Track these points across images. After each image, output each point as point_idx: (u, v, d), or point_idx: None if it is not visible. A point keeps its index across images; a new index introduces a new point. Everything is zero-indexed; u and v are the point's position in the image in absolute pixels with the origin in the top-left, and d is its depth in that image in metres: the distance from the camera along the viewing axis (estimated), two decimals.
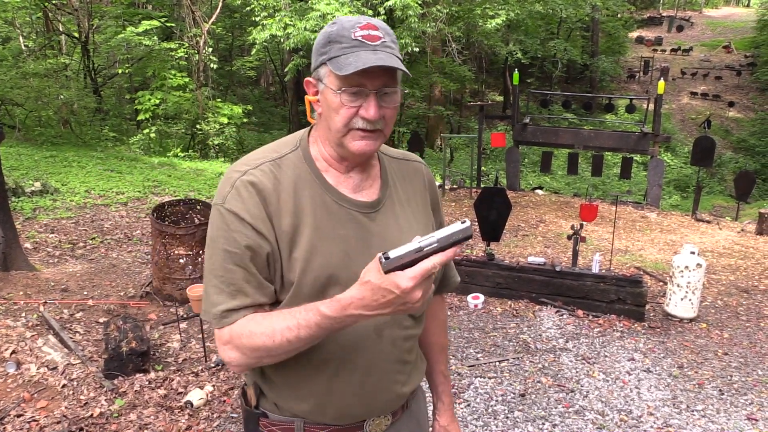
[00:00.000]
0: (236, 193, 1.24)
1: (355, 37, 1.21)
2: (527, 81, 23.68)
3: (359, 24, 1.23)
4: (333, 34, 1.23)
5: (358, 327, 1.23)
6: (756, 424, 3.60)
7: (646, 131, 10.80)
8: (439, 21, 13.54)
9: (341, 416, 1.34)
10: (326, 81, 1.24)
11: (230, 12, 20.41)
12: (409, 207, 1.41)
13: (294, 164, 1.29)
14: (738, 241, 8.66)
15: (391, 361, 1.34)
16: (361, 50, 1.20)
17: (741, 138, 23.76)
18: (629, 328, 5.05)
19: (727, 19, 38.84)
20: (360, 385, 1.32)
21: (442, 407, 1.63)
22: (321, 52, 1.25)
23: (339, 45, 1.22)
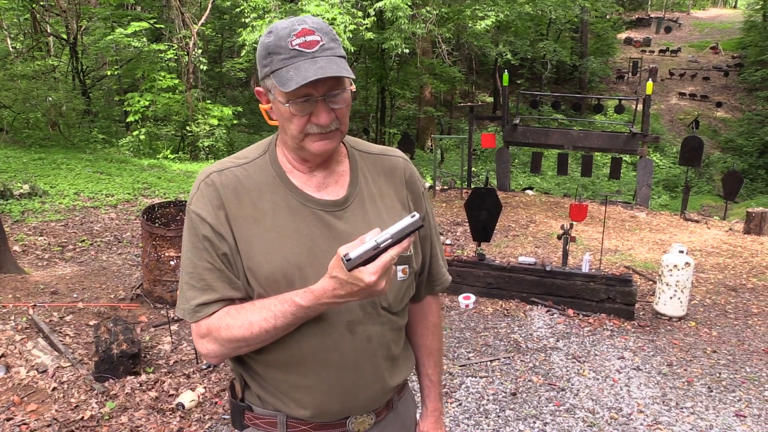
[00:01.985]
0: (200, 195, 1.30)
1: (293, 47, 1.20)
2: (517, 82, 23.77)
3: (294, 31, 1.21)
4: (271, 46, 1.22)
5: (331, 326, 1.28)
6: (744, 421, 3.63)
7: (635, 132, 10.88)
8: (429, 22, 13.57)
9: (320, 413, 1.34)
10: (274, 93, 1.25)
11: (220, 13, 20.37)
12: (381, 202, 1.40)
13: (260, 168, 1.33)
14: (726, 240, 8.73)
15: (368, 357, 1.34)
16: (300, 60, 1.20)
17: (729, 138, 23.95)
18: (619, 327, 5.08)
19: (715, 21, 39.14)
20: (336, 382, 1.32)
21: (426, 412, 1.61)
22: (263, 65, 1.24)
23: (278, 56, 1.21)
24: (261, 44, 1.25)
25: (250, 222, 1.28)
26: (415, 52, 16.22)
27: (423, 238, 1.47)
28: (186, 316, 1.30)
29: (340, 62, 1.22)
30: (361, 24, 12.24)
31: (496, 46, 18.89)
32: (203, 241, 1.28)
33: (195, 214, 1.29)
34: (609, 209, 10.25)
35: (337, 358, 1.31)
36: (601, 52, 29.53)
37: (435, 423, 1.61)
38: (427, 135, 20.61)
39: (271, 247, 1.27)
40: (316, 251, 1.28)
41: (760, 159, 21.91)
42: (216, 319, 1.27)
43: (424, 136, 20.90)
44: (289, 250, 1.27)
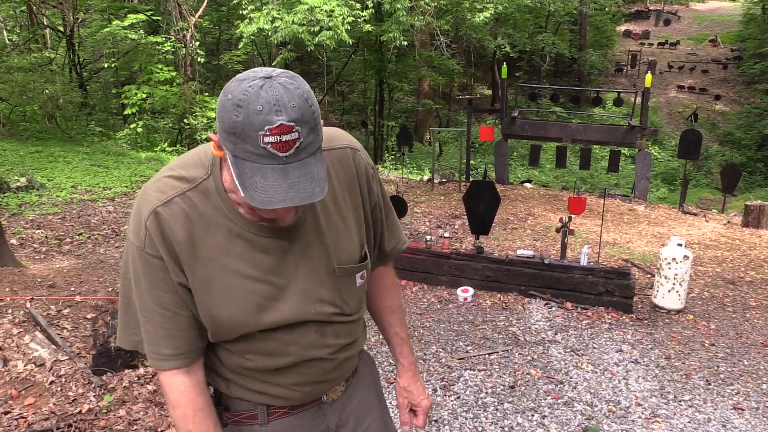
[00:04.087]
0: (151, 238, 1.21)
1: (264, 144, 1.03)
2: (516, 75, 23.73)
3: (269, 125, 1.03)
4: (238, 128, 1.04)
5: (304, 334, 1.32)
6: (742, 414, 3.64)
7: (634, 124, 10.86)
8: (427, 14, 13.53)
9: (300, 400, 1.40)
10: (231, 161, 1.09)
11: (217, 5, 20.27)
12: (334, 211, 1.35)
13: (205, 197, 1.22)
14: (724, 233, 8.73)
15: (339, 349, 1.40)
16: (269, 165, 1.05)
17: (727, 131, 23.95)
18: (617, 320, 5.08)
19: (714, 13, 39.05)
20: (314, 375, 1.38)
21: (402, 369, 1.66)
22: (224, 137, 1.07)
23: (244, 145, 1.05)
24: (227, 115, 1.05)
25: (204, 262, 1.23)
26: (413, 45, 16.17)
27: (374, 221, 1.48)
28: (155, 363, 1.29)
29: (315, 170, 1.09)
30: (360, 16, 12.19)
31: (495, 39, 18.86)
32: (167, 286, 1.24)
33: (150, 255, 1.21)
34: (607, 202, 10.25)
35: (313, 356, 1.35)
36: (600, 45, 29.47)
37: (413, 376, 1.65)
38: (426, 128, 20.58)
39: (232, 289, 1.24)
40: (282, 283, 1.28)
41: (758, 152, 21.92)
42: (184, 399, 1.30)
43: (423, 128, 20.87)
44: (251, 290, 1.25)
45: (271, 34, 12.06)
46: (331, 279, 1.34)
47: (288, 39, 12.24)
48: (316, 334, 1.34)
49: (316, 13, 11.35)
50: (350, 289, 1.39)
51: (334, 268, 1.34)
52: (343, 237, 1.35)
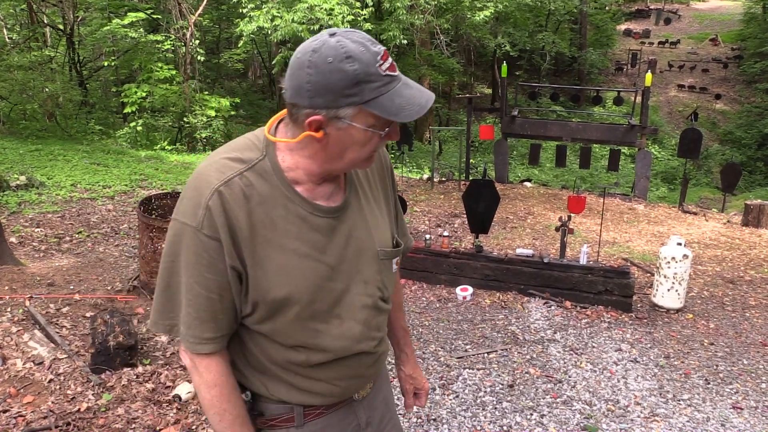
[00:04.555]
0: (211, 218, 1.21)
1: (385, 73, 1.17)
2: (516, 73, 23.72)
3: (379, 55, 1.17)
4: (359, 74, 1.14)
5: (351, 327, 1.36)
6: (741, 413, 3.64)
7: (634, 123, 10.85)
8: (427, 13, 13.52)
9: (339, 398, 1.43)
10: (353, 121, 1.18)
11: (217, 4, 20.27)
12: (371, 196, 1.44)
13: (262, 177, 1.26)
14: (724, 232, 8.73)
15: (377, 343, 1.44)
16: (397, 87, 1.18)
17: (727, 130, 23.94)
18: (616, 319, 5.08)
19: (714, 12, 39.01)
20: (356, 370, 1.42)
21: (405, 358, 1.74)
22: (347, 94, 1.15)
23: (371, 85, 1.16)
24: (344, 72, 1.14)
25: (262, 242, 1.25)
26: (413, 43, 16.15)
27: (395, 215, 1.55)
28: (192, 347, 1.29)
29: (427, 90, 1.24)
30: (359, 14, 12.18)
31: (495, 38, 18.84)
32: (218, 270, 1.24)
33: (206, 236, 1.21)
34: (607, 201, 10.24)
35: (360, 349, 1.39)
36: (600, 44, 29.45)
37: (415, 364, 1.76)
38: (426, 126, 20.57)
39: (290, 268, 1.27)
40: (333, 263, 1.31)
41: (758, 151, 21.91)
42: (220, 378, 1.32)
43: (423, 127, 20.86)
44: (308, 268, 1.29)
45: (270, 33, 12.06)
46: (375, 261, 1.39)
47: (288, 37, 12.22)
48: (365, 326, 1.39)
49: (315, 11, 11.35)
50: (389, 274, 1.45)
51: (377, 251, 1.40)
52: (380, 222, 1.43)
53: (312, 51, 1.16)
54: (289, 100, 1.21)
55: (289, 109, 1.23)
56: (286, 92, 1.21)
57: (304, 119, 1.20)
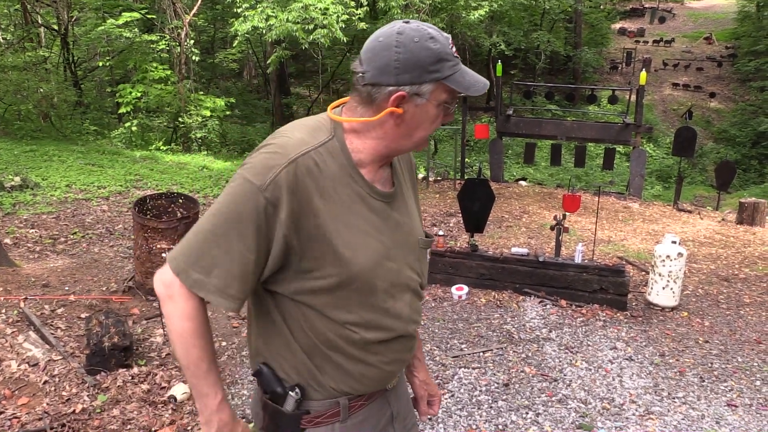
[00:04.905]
0: (277, 183, 1.24)
1: (455, 54, 1.32)
2: (510, 72, 23.73)
3: (449, 39, 1.33)
4: (441, 53, 1.29)
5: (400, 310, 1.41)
6: (736, 410, 3.65)
7: (629, 122, 10.87)
8: (422, 12, 13.51)
9: (381, 384, 1.47)
10: (430, 96, 1.31)
11: (212, 3, 20.23)
12: (409, 187, 1.55)
13: (332, 155, 1.33)
14: (719, 230, 8.76)
15: (415, 327, 1.51)
16: (462, 68, 1.33)
17: (722, 128, 24.00)
18: (612, 318, 5.09)
19: (709, 11, 39.10)
20: (400, 354, 1.47)
21: (419, 364, 1.76)
22: (431, 70, 1.29)
23: (448, 63, 1.30)
24: (428, 50, 1.28)
25: (327, 217, 1.29)
26: None
27: None
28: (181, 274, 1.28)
29: None
30: (354, 14, 12.18)
31: (490, 37, 18.85)
32: (262, 230, 1.25)
33: (266, 199, 1.24)
34: (602, 200, 10.26)
35: (405, 332, 1.45)
36: (594, 43, 29.49)
37: (426, 371, 1.79)
38: None
39: (355, 244, 1.32)
40: (389, 244, 1.39)
41: (752, 149, 21.98)
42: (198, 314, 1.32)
43: None
44: (371, 247, 1.35)
45: (265, 33, 12.05)
46: (416, 249, 1.49)
47: (282, 37, 12.22)
48: (411, 308, 1.46)
49: (310, 11, 11.34)
50: (425, 263, 1.55)
51: (418, 239, 1.50)
52: (415, 213, 1.54)
53: (397, 33, 1.29)
54: (369, 80, 1.30)
55: (367, 92, 1.31)
56: (365, 74, 1.30)
57: (386, 97, 1.29)
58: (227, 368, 3.95)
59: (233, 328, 4.57)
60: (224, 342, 4.34)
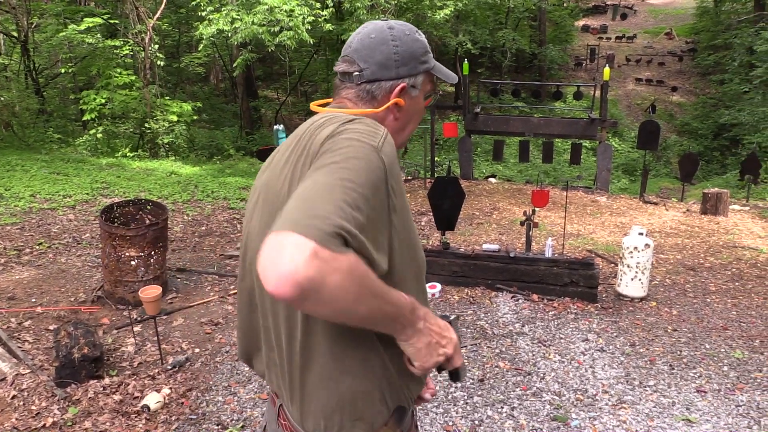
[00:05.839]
0: (387, 145, 1.16)
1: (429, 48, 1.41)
2: (477, 71, 23.90)
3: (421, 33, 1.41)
4: (426, 45, 1.39)
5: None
6: (705, 396, 3.73)
7: (594, 117, 11.04)
8: (387, 12, 13.53)
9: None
10: (422, 87, 1.39)
11: (176, 7, 19.98)
12: None
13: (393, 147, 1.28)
14: (684, 221, 8.94)
15: None
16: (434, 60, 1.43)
17: (684, 121, 24.48)
18: (583, 310, 5.17)
19: (668, 7, 39.88)
20: None
21: None
22: (422, 61, 1.37)
23: (430, 55, 1.40)
24: (417, 42, 1.36)
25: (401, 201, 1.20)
26: None
27: None
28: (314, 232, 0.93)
29: None
30: (320, 15, 12.15)
31: (456, 36, 18.95)
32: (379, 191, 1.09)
33: (381, 160, 1.11)
34: (570, 194, 10.40)
35: None
36: (559, 40, 29.85)
37: None
38: None
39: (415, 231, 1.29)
40: None
41: (714, 141, 22.45)
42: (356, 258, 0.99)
43: None
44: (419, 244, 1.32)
45: (231, 36, 11.95)
46: None
47: (248, 40, 12.13)
48: None
49: (275, 13, 11.28)
50: None
51: None
52: None
53: (388, 28, 1.34)
54: (370, 77, 1.32)
55: (367, 90, 1.33)
56: (363, 71, 1.32)
57: (387, 91, 1.33)
58: (201, 375, 3.91)
59: (206, 335, 4.53)
60: (197, 349, 4.29)
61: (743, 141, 18.82)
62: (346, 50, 1.37)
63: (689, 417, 3.48)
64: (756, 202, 10.15)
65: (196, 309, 5.04)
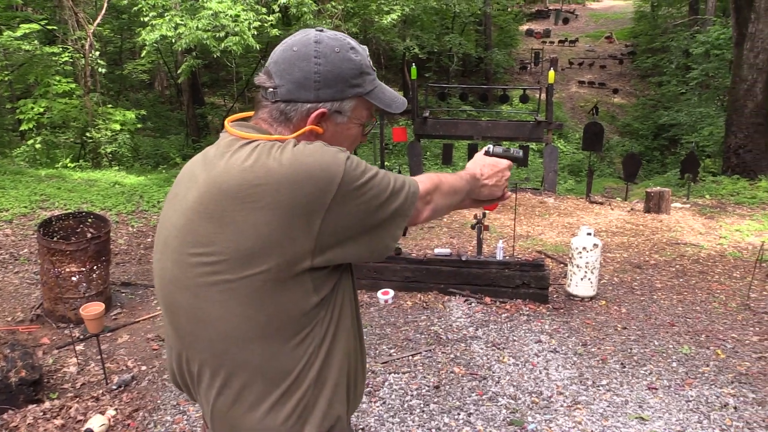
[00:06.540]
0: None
1: (373, 66, 1.25)
2: (425, 75, 24.05)
3: (366, 50, 1.26)
4: (363, 65, 1.22)
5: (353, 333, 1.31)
6: (656, 393, 3.80)
7: (540, 120, 11.21)
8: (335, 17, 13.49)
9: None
10: (352, 114, 1.23)
11: (117, 13, 19.44)
12: None
13: None
14: (629, 219, 9.15)
15: None
16: (379, 82, 1.27)
17: (626, 123, 25.19)
18: (535, 311, 5.21)
19: (608, 11, 41.08)
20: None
21: None
22: (353, 84, 1.20)
23: (369, 77, 1.23)
24: (351, 61, 1.20)
25: None
26: None
27: None
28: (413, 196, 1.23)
29: None
30: (266, 20, 12.00)
31: (403, 41, 19.05)
32: None
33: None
34: (519, 196, 10.53)
35: None
36: (504, 44, 30.36)
37: None
38: None
39: None
40: None
41: (654, 141, 23.15)
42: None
43: None
44: None
45: (175, 41, 11.68)
46: None
47: (193, 45, 11.89)
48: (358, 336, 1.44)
49: (220, 18, 11.09)
50: None
51: None
52: None
53: (314, 42, 1.18)
54: (284, 97, 1.19)
55: (281, 110, 1.20)
56: (278, 89, 1.19)
57: (304, 115, 1.19)
58: (148, 394, 3.77)
59: (153, 351, 4.37)
60: (144, 366, 4.14)
61: (682, 141, 19.47)
62: (269, 61, 1.26)
63: (642, 415, 3.53)
64: (696, 199, 10.48)
65: (142, 324, 4.87)
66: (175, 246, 1.19)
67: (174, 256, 1.20)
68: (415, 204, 1.23)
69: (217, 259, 1.11)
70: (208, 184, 1.14)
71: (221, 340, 1.16)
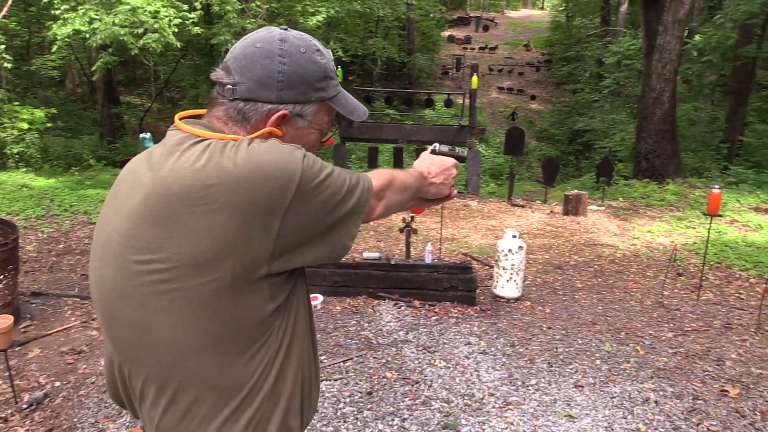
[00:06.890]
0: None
1: (335, 72, 1.21)
2: (349, 78, 24.06)
3: (330, 53, 1.21)
4: (328, 69, 1.19)
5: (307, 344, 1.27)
6: (582, 391, 3.91)
7: (464, 124, 11.41)
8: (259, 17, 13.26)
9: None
10: (313, 119, 1.20)
11: (25, 5, 18.39)
12: None
13: None
14: (549, 222, 9.44)
15: None
16: (341, 88, 1.24)
17: (543, 128, 26.09)
18: (463, 314, 5.27)
19: (526, 20, 42.50)
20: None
21: None
22: (317, 87, 1.17)
23: (332, 82, 1.20)
24: (316, 63, 1.16)
25: None
26: None
27: None
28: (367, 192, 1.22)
29: None
30: (187, 18, 11.64)
31: (328, 43, 18.94)
32: None
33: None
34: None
35: None
36: (427, 49, 30.82)
37: None
38: None
39: None
40: None
41: (569, 146, 24.07)
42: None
43: None
44: None
45: (89, 37, 11.14)
46: None
47: (109, 42, 11.38)
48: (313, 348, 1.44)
49: (139, 14, 10.66)
50: None
51: None
52: None
53: (279, 40, 1.13)
54: (243, 95, 1.12)
55: (239, 109, 1.13)
56: (237, 86, 1.12)
57: (264, 116, 1.13)
58: (63, 412, 3.54)
59: (67, 365, 4.12)
60: (57, 382, 3.89)
61: (595, 146, 20.32)
62: (228, 57, 1.18)
63: (570, 413, 3.62)
64: (610, 202, 10.95)
65: (54, 337, 4.58)
66: (117, 252, 1.10)
67: (116, 263, 1.10)
68: (369, 201, 1.22)
69: (166, 266, 1.04)
70: (155, 185, 1.06)
71: (169, 352, 1.09)
